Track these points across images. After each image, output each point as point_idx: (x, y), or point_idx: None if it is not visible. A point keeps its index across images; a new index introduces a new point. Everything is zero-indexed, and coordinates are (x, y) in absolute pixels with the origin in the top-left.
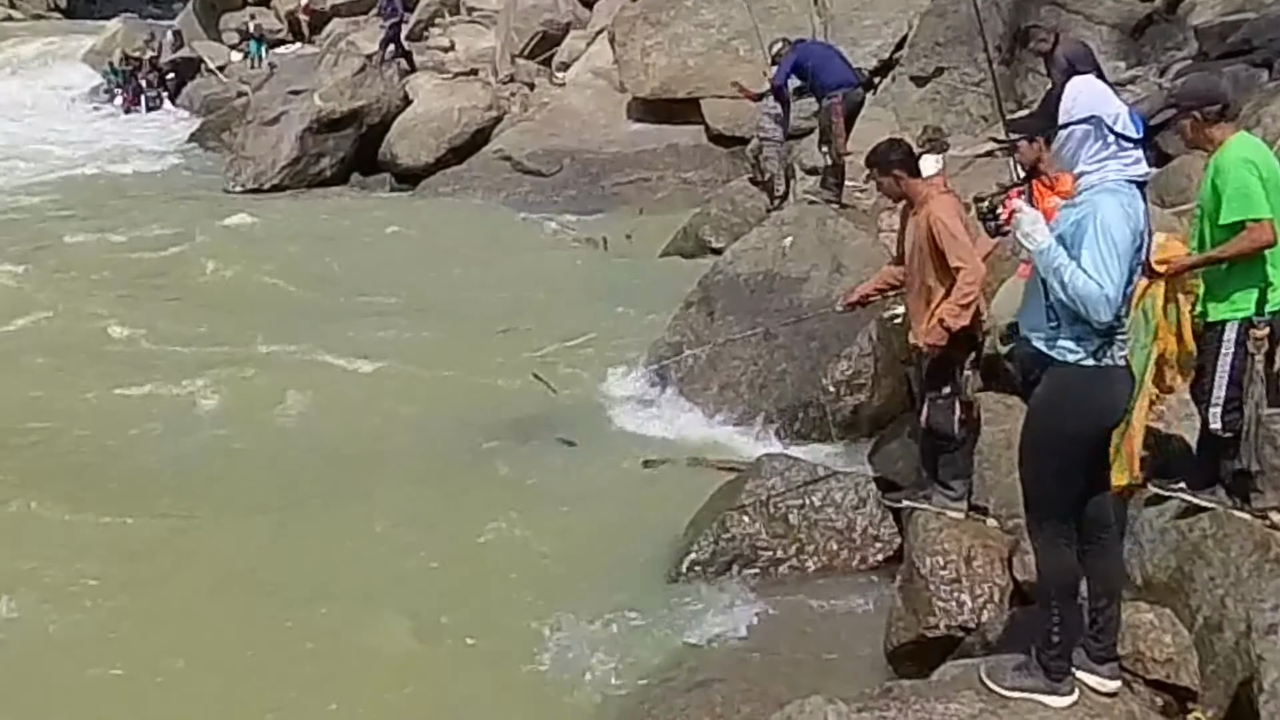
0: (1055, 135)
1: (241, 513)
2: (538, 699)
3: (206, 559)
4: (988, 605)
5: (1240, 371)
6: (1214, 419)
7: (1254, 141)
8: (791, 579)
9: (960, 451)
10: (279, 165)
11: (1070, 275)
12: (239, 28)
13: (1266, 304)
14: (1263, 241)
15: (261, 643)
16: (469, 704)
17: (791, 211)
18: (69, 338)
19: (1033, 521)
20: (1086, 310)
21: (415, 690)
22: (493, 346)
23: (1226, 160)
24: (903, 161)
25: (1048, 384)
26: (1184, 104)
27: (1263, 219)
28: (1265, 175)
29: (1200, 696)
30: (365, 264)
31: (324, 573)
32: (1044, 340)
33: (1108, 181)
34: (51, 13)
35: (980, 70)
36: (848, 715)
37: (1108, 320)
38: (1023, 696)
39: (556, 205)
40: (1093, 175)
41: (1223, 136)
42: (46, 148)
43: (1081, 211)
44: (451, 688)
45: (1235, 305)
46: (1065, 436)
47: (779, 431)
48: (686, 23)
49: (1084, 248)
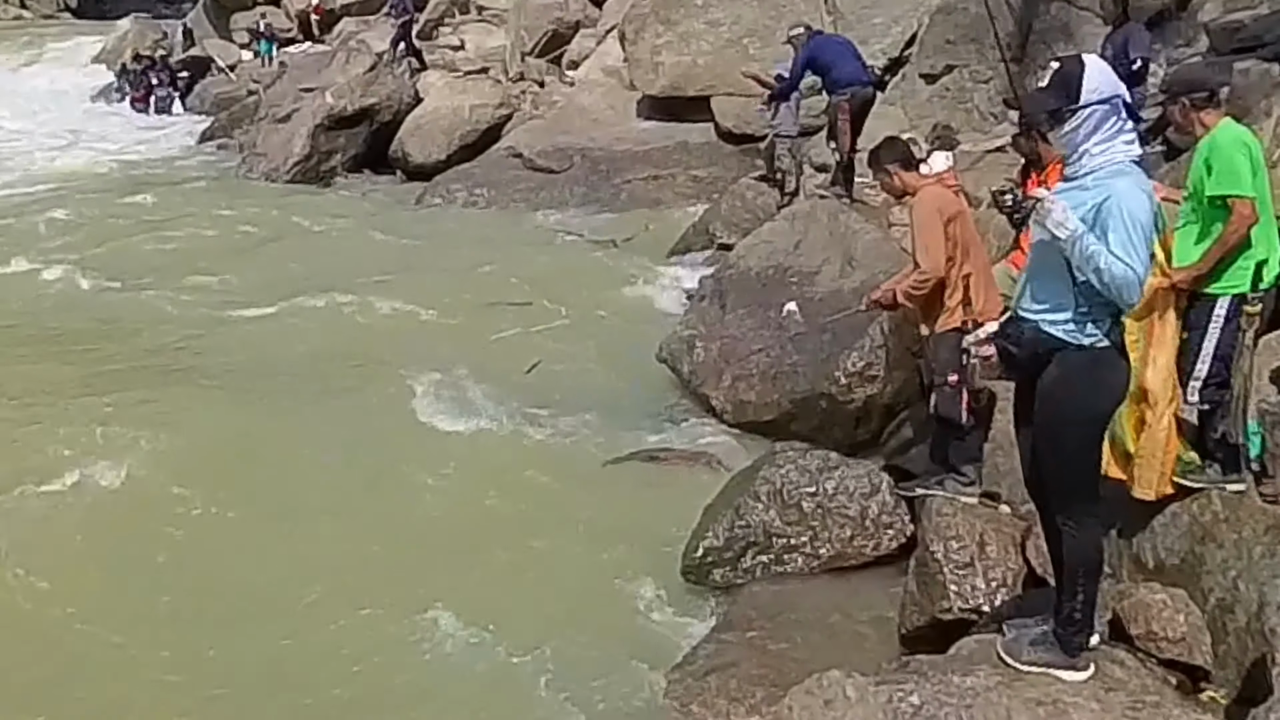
0: (1068, 116)
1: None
2: (555, 686)
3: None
4: (1001, 589)
5: (1229, 347)
6: (1191, 393)
7: (1242, 128)
8: (805, 566)
9: (972, 438)
10: (291, 162)
11: (1106, 261)
12: (249, 27)
13: (1261, 281)
14: (1248, 219)
15: (271, 635)
16: (486, 690)
17: (803, 206)
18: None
19: (1066, 505)
20: (1119, 294)
21: (431, 680)
22: (503, 336)
23: (1220, 142)
24: (897, 158)
25: (1066, 367)
26: (1174, 90)
27: (1245, 196)
28: (1255, 160)
29: (1212, 675)
30: (374, 256)
31: (327, 570)
32: (1064, 324)
33: (1115, 163)
34: (62, 12)
35: (990, 68)
36: (865, 688)
37: (1136, 301)
38: (1039, 671)
39: (566, 202)
40: (1099, 157)
41: (1212, 122)
42: (56, 146)
43: (1098, 195)
44: (468, 676)
45: (1229, 281)
46: (1090, 417)
47: (792, 422)
48: (696, 21)
49: (1111, 232)
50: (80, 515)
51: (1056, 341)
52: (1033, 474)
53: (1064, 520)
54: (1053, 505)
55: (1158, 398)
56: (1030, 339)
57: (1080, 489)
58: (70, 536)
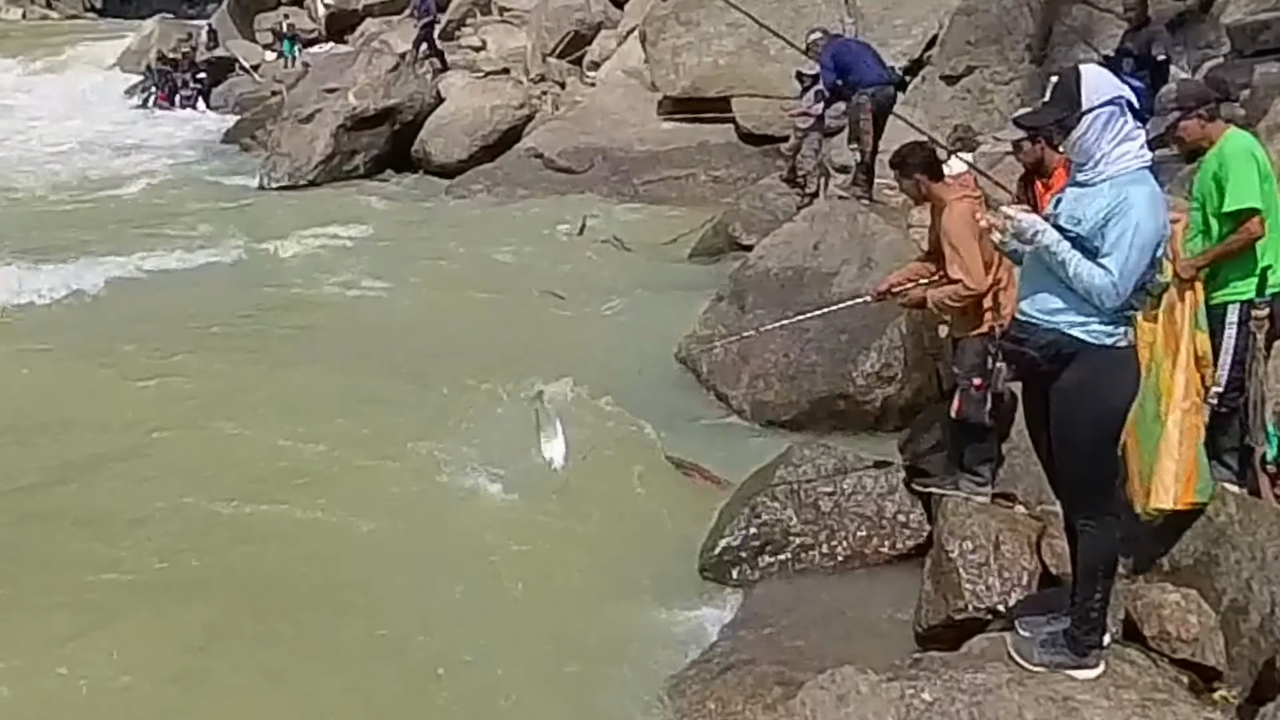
0: (1075, 123)
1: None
2: (570, 684)
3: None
4: (1016, 588)
5: (1243, 351)
6: (1212, 397)
7: (1248, 136)
8: (822, 565)
9: (989, 439)
10: (314, 161)
11: (1074, 268)
12: (273, 27)
13: (1267, 286)
14: (1255, 234)
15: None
16: (501, 681)
17: (822, 206)
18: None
19: (1084, 503)
20: (1094, 298)
21: (450, 676)
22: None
23: (1229, 153)
24: (924, 165)
25: (1088, 368)
26: (1186, 105)
27: (1257, 211)
28: (1262, 170)
29: (1225, 676)
30: (397, 253)
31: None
32: (1083, 326)
33: (1132, 170)
34: (87, 13)
35: (1011, 69)
36: (878, 684)
37: (1112, 306)
38: (1051, 670)
39: (587, 202)
40: (1116, 163)
41: (1217, 132)
42: (82, 145)
43: (1111, 201)
44: (485, 665)
45: (1236, 289)
46: (1108, 415)
47: (811, 422)
48: (717, 22)
49: (1113, 245)
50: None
51: (1078, 343)
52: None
53: (1082, 519)
54: (1070, 504)
55: (1174, 399)
56: (1050, 341)
57: (1098, 487)
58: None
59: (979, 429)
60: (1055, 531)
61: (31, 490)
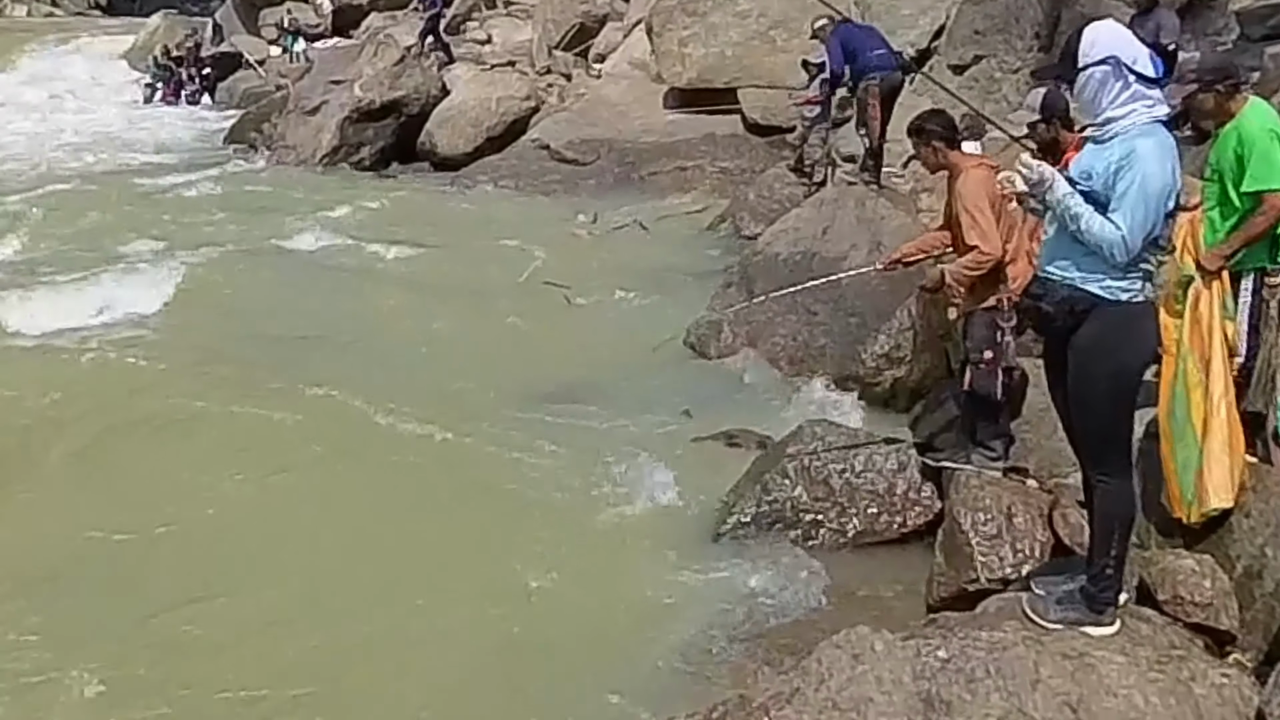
0: (1073, 78)
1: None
2: (583, 652)
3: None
4: (1028, 560)
5: (1256, 319)
6: (1233, 367)
7: (1269, 108)
8: (833, 541)
9: (1001, 415)
10: (320, 154)
11: (1085, 222)
12: (277, 23)
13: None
14: (1278, 214)
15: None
16: (523, 659)
17: (830, 192)
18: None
19: (1100, 459)
20: (1103, 251)
21: (470, 651)
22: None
23: (1250, 129)
24: (942, 133)
25: (1103, 323)
26: (1206, 79)
27: (1278, 190)
28: None
29: (1239, 640)
30: (404, 243)
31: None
32: (1099, 281)
33: (1141, 124)
34: (93, 10)
35: (1019, 58)
36: (893, 643)
37: (1122, 260)
38: (1066, 628)
39: (593, 193)
40: (1123, 120)
41: (1238, 107)
42: (89, 140)
43: (1118, 152)
44: (507, 647)
45: (1251, 257)
46: (1124, 370)
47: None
48: (723, 13)
49: (1120, 196)
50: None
51: (1093, 298)
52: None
53: (1098, 474)
54: (1087, 460)
55: (1211, 397)
56: (1065, 297)
57: (1113, 442)
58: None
59: (991, 405)
60: (1067, 503)
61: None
